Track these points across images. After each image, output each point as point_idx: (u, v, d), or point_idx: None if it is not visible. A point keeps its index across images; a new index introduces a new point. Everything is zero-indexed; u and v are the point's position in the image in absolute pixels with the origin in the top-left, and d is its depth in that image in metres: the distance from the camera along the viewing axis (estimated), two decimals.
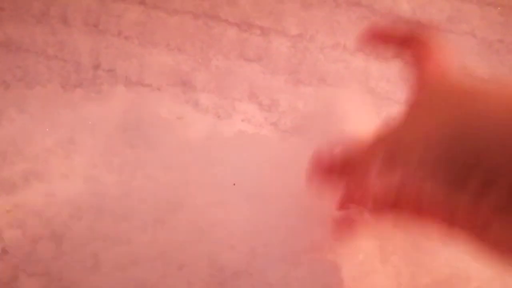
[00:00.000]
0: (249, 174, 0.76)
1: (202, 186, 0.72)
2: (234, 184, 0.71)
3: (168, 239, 0.65)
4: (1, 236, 0.62)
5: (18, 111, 0.82)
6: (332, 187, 0.48)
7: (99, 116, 0.84)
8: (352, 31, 0.91)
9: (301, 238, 0.63)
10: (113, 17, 0.91)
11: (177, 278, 0.59)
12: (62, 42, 0.91)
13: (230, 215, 0.69)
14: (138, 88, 0.91)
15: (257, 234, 0.65)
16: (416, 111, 0.36)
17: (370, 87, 0.93)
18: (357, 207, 0.48)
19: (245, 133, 0.83)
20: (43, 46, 0.91)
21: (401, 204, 0.38)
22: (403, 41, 0.44)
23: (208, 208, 0.69)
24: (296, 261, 0.60)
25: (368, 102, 0.93)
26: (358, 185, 0.43)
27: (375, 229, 0.57)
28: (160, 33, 0.92)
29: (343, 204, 0.48)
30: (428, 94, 0.35)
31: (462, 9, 0.91)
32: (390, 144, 0.38)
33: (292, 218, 0.65)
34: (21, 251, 0.61)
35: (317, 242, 0.60)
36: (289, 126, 0.88)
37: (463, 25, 0.91)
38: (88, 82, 0.91)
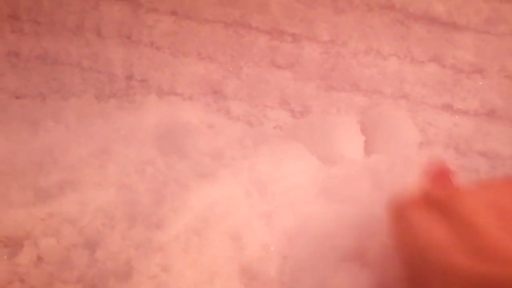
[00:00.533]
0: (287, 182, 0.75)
1: (234, 196, 0.72)
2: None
3: (201, 248, 0.64)
4: (37, 244, 0.63)
5: (54, 122, 0.84)
6: None
7: (132, 125, 0.85)
8: (385, 35, 0.89)
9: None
10: (146, 27, 0.92)
11: (209, 287, 0.59)
12: (96, 54, 0.93)
13: (266, 225, 0.68)
14: (170, 98, 0.91)
15: (291, 242, 0.64)
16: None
17: (404, 91, 0.90)
18: None
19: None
20: (78, 58, 0.93)
21: None
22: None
23: (241, 219, 0.68)
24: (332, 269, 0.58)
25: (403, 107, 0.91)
26: None
27: None
28: (192, 42, 0.92)
29: None
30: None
31: (500, 9, 0.88)
32: None
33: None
34: (56, 259, 0.62)
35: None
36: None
37: (502, 26, 0.88)
38: (122, 93, 0.92)
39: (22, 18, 0.95)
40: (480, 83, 0.89)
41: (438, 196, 0.39)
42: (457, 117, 0.90)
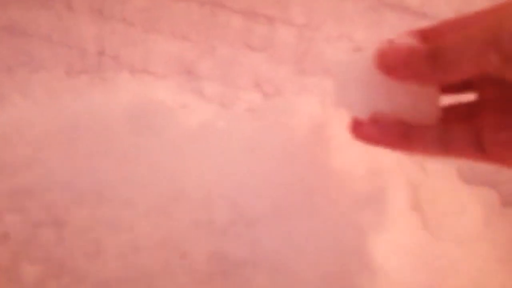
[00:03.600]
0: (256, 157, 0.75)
1: (204, 174, 0.72)
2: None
3: (171, 227, 0.65)
4: (3, 220, 0.62)
5: (21, 96, 0.82)
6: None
7: (103, 103, 0.83)
8: (359, 22, 0.90)
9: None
10: (118, 3, 0.90)
11: (179, 266, 0.59)
12: (67, 27, 0.90)
13: (235, 204, 0.68)
14: (142, 76, 0.90)
15: (261, 222, 0.64)
16: None
17: None
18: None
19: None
20: (48, 31, 0.91)
21: None
22: None
23: (209, 197, 0.68)
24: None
25: None
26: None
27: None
28: (165, 20, 0.91)
29: None
30: None
31: (470, 1, 0.89)
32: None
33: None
34: (22, 236, 0.61)
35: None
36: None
37: None
38: (93, 69, 0.90)
39: None
40: None
41: None
42: None
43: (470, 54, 0.30)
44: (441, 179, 0.72)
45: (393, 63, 0.34)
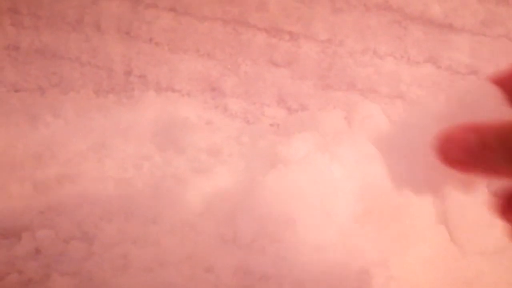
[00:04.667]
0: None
1: (229, 189, 0.73)
2: None
3: (196, 242, 0.65)
4: (34, 236, 0.64)
5: (53, 115, 0.85)
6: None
7: (130, 121, 0.86)
8: (382, 35, 0.90)
9: None
10: (145, 23, 0.92)
11: (204, 281, 0.60)
12: (95, 49, 0.93)
13: (259, 218, 0.69)
14: (168, 94, 0.92)
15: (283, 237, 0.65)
16: None
17: (400, 91, 0.91)
18: None
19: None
20: (77, 53, 0.94)
21: None
22: None
23: (235, 213, 0.69)
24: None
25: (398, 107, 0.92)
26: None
27: None
28: (190, 39, 0.93)
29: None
30: None
31: (496, 11, 0.89)
32: None
33: None
34: (53, 251, 0.63)
35: None
36: None
37: (497, 28, 0.89)
38: (120, 88, 0.93)
39: (22, 12, 0.95)
40: None
41: None
42: None
43: None
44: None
45: (460, 157, 0.29)
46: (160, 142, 0.82)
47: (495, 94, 0.29)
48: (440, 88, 0.92)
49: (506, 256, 0.64)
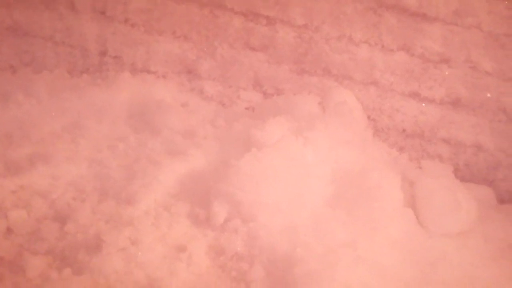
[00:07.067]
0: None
1: (204, 171, 0.73)
2: None
3: (170, 223, 0.66)
4: (6, 216, 0.63)
5: (25, 95, 0.84)
6: None
7: (105, 101, 0.85)
8: (358, 22, 0.91)
9: None
10: (120, 4, 0.91)
11: (176, 260, 0.60)
12: (70, 28, 0.92)
13: (233, 200, 0.69)
14: (143, 75, 0.91)
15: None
16: None
17: (374, 78, 0.93)
18: None
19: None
20: (51, 32, 0.92)
21: None
22: None
23: (208, 195, 0.69)
24: None
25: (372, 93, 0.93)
26: None
27: None
28: (167, 21, 0.92)
29: None
30: None
31: (469, 2, 0.90)
32: None
33: None
34: (26, 231, 0.63)
35: None
36: None
37: (470, 18, 0.91)
38: (95, 68, 0.92)
39: None
40: (447, 72, 0.92)
41: None
42: (423, 104, 0.93)
43: None
44: (437, 177, 0.73)
45: None
46: (135, 124, 0.82)
47: None
48: (413, 76, 0.93)
49: (470, 237, 0.66)
